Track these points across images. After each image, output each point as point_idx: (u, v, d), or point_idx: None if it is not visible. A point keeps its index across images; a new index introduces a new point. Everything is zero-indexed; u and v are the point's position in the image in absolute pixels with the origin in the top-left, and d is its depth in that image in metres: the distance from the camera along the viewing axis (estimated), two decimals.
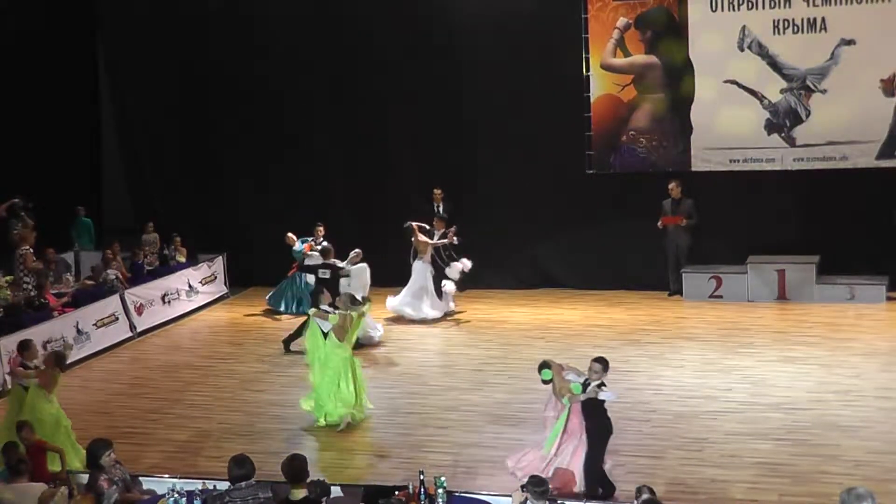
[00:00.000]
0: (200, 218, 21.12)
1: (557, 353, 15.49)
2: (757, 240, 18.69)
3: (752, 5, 18.42)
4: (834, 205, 18.25)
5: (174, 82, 21.41)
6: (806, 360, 14.96)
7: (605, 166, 19.44)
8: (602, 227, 19.15)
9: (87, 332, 16.89)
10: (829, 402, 13.21)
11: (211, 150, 21.30)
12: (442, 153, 20.00)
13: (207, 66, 21.02)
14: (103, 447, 9.53)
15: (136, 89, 21.74)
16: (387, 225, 19.33)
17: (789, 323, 17.11)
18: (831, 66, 18.20)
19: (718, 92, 18.71)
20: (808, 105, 18.43)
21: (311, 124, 20.62)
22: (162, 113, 21.62)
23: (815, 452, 11.69)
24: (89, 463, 9.54)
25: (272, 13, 20.54)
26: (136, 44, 21.52)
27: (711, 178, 18.91)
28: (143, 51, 21.49)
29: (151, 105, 21.69)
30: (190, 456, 12.26)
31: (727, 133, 18.78)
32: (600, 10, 19.05)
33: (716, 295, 18.60)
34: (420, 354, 16.23)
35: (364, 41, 20.09)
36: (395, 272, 18.53)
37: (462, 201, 19.72)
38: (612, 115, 19.30)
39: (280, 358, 16.31)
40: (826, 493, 10.43)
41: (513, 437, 12.50)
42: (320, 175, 20.60)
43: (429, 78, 19.88)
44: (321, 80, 20.44)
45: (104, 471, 9.37)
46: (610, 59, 19.18)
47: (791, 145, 18.57)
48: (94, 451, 9.51)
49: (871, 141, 18.12)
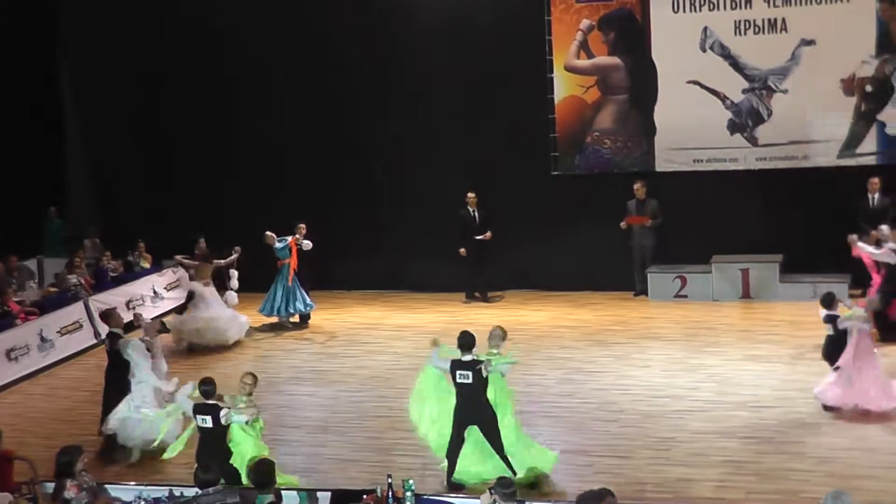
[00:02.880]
0: (164, 222, 20.96)
1: (524, 355, 15.55)
2: (721, 239, 18.79)
3: (713, 6, 18.54)
4: (796, 204, 18.40)
5: (137, 84, 21.18)
6: (770, 359, 15.07)
7: (570, 167, 19.50)
8: (567, 228, 19.20)
9: (52, 340, 16.77)
10: (794, 400, 13.31)
11: (175, 153, 21.13)
12: (405, 157, 19.98)
13: (172, 66, 20.83)
14: (77, 453, 9.38)
15: (98, 92, 21.50)
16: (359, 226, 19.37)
17: (754, 321, 17.22)
18: (792, 66, 18.36)
19: (681, 93, 18.81)
20: (770, 105, 18.58)
21: (275, 128, 20.51)
22: (124, 117, 21.43)
23: (781, 450, 11.79)
24: (60, 470, 9.39)
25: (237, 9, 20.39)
26: (98, 44, 21.27)
27: (676, 179, 19.01)
28: (104, 51, 21.24)
29: (114, 108, 21.48)
30: (156, 463, 12.18)
31: (690, 133, 18.89)
32: (563, 13, 19.11)
33: (681, 294, 18.71)
34: (388, 357, 16.21)
35: (325, 42, 20.01)
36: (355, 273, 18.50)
37: (426, 204, 19.76)
38: (576, 116, 19.37)
39: (247, 363, 16.24)
40: (792, 490, 10.54)
41: None
42: (287, 178, 20.50)
43: (390, 81, 19.85)
44: (288, 82, 20.34)
45: (74, 477, 9.26)
46: (573, 61, 19.25)
47: (754, 145, 18.71)
48: (66, 458, 9.33)
49: (832, 140, 18.29)
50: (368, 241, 20.09)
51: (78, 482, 9.25)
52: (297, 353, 17.05)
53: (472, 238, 19.10)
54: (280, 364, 16.40)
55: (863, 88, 18.11)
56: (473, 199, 19.24)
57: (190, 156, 20.99)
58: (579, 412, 13.47)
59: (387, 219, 20.16)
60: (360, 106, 20.09)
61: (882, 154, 18.20)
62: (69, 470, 9.26)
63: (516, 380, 14.71)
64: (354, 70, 20.03)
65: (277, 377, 15.61)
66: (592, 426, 13.00)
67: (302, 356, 16.81)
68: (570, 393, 14.17)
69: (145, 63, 21.02)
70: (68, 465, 9.28)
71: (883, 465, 11.24)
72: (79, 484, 9.24)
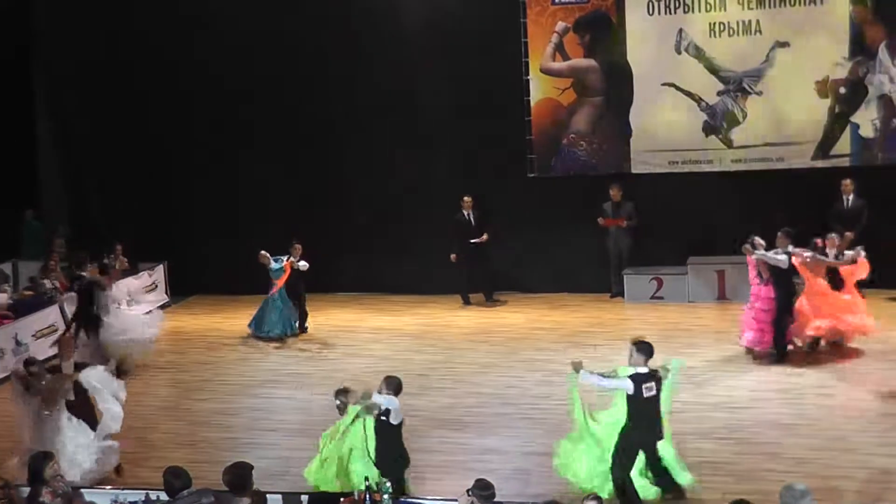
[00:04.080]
0: (140, 225, 20.86)
1: (502, 357, 15.65)
2: (697, 241, 18.88)
3: (688, 9, 18.61)
4: (771, 205, 18.41)
5: (112, 85, 21.06)
6: (746, 360, 15.12)
7: (546, 170, 19.53)
8: (544, 230, 19.23)
9: (27, 344, 16.65)
10: (770, 401, 13.38)
11: (150, 155, 21.02)
12: (380, 160, 19.96)
13: (145, 65, 20.70)
14: (44, 459, 9.32)
15: (72, 91, 21.34)
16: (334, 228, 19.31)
17: (730, 322, 17.23)
18: (766, 68, 18.46)
19: (657, 95, 18.88)
20: (745, 107, 18.66)
21: (252, 128, 20.45)
22: (98, 117, 21.29)
23: (758, 451, 11.83)
24: (31, 477, 9.34)
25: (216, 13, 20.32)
26: (72, 42, 21.10)
27: (651, 181, 19.07)
28: (80, 50, 21.08)
29: (87, 109, 21.34)
30: (132, 467, 12.11)
31: (666, 135, 18.97)
32: (539, 15, 19.15)
33: (657, 296, 18.76)
34: (365, 360, 16.18)
35: (303, 44, 19.97)
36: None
37: (402, 206, 19.76)
38: (552, 118, 19.41)
39: (223, 367, 16.19)
40: (769, 491, 10.51)
41: (458, 441, 12.53)
42: (262, 178, 20.44)
43: (366, 83, 19.82)
44: (264, 82, 20.27)
45: (47, 483, 9.20)
46: (549, 63, 19.28)
47: (729, 147, 18.79)
48: (36, 465, 9.26)
49: (807, 142, 18.40)
50: (343, 244, 20.05)
51: (52, 488, 9.17)
52: (273, 355, 17.01)
53: (468, 242, 19.03)
54: (257, 367, 16.35)
55: (836, 90, 18.22)
56: (469, 202, 19.21)
57: (165, 156, 20.90)
58: (557, 414, 13.45)
59: (362, 221, 20.12)
60: (336, 109, 20.03)
61: (856, 156, 18.31)
62: (40, 476, 9.18)
63: (492, 382, 14.84)
64: (328, 71, 19.97)
65: (254, 380, 15.58)
66: (568, 428, 12.97)
67: (278, 359, 16.77)
68: (548, 395, 14.16)
69: (118, 62, 20.89)
70: (38, 472, 9.20)
71: (858, 465, 11.31)
72: (52, 490, 9.16)
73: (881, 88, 18.05)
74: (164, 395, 14.96)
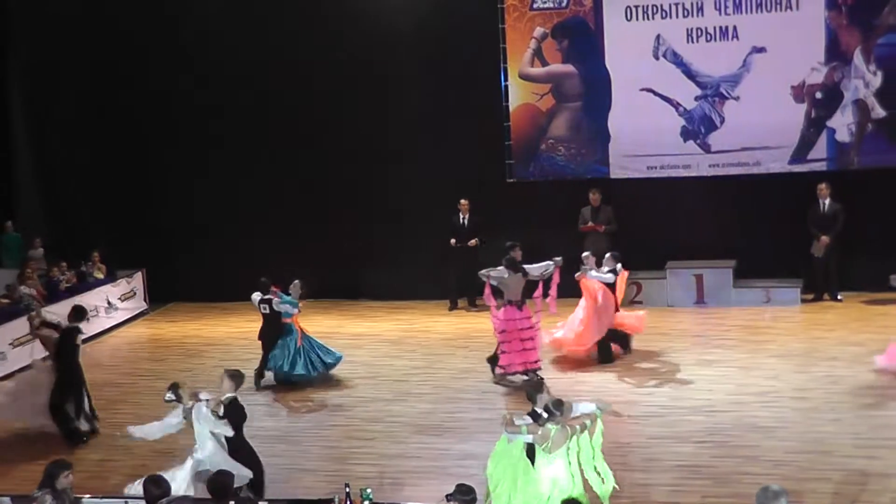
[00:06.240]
0: (118, 232, 20.81)
1: (481, 362, 15.64)
2: (675, 245, 18.95)
3: (665, 14, 18.69)
4: (749, 210, 18.58)
5: (89, 93, 21.03)
6: (724, 363, 15.20)
7: (525, 175, 19.57)
8: (522, 235, 19.15)
9: (3, 352, 16.58)
10: (748, 404, 13.43)
11: (128, 163, 20.97)
12: (361, 166, 19.96)
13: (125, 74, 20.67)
14: (61, 467, 9.01)
15: (49, 98, 21.29)
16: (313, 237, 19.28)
17: (707, 326, 17.38)
18: (743, 73, 18.55)
19: (635, 100, 18.94)
20: (722, 112, 18.75)
21: (230, 135, 20.42)
22: (73, 125, 21.24)
23: (736, 454, 11.88)
24: (43, 481, 9.10)
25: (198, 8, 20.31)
26: (49, 49, 21.03)
27: (630, 186, 19.13)
28: (56, 57, 21.01)
29: (63, 116, 21.28)
30: (112, 475, 12.09)
31: (644, 140, 19.03)
32: (517, 21, 19.19)
33: (636, 300, 18.81)
34: (344, 366, 16.15)
35: (283, 48, 19.96)
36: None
37: (383, 213, 19.76)
38: (530, 124, 19.45)
39: (202, 374, 16.15)
40: (747, 494, 10.56)
41: (438, 447, 12.53)
42: (244, 184, 20.42)
43: (345, 89, 19.83)
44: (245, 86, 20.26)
45: (56, 493, 8.91)
46: (528, 69, 19.33)
47: (706, 152, 18.87)
48: (52, 471, 8.95)
49: (784, 146, 18.48)
50: (325, 250, 20.05)
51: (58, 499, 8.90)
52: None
53: (458, 245, 19.05)
54: None
55: (813, 95, 18.33)
56: (466, 206, 19.24)
57: (143, 163, 20.85)
58: None
59: (344, 227, 20.11)
60: (314, 117, 20.04)
61: (832, 160, 18.42)
62: (52, 483, 8.90)
63: (470, 387, 14.84)
64: (308, 78, 19.98)
65: None
66: None
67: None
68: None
69: (95, 71, 20.86)
70: (51, 479, 8.98)
71: (835, 467, 11.36)
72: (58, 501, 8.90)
73: (856, 93, 18.16)
74: (142, 403, 14.89)
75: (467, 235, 19.18)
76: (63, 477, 8.95)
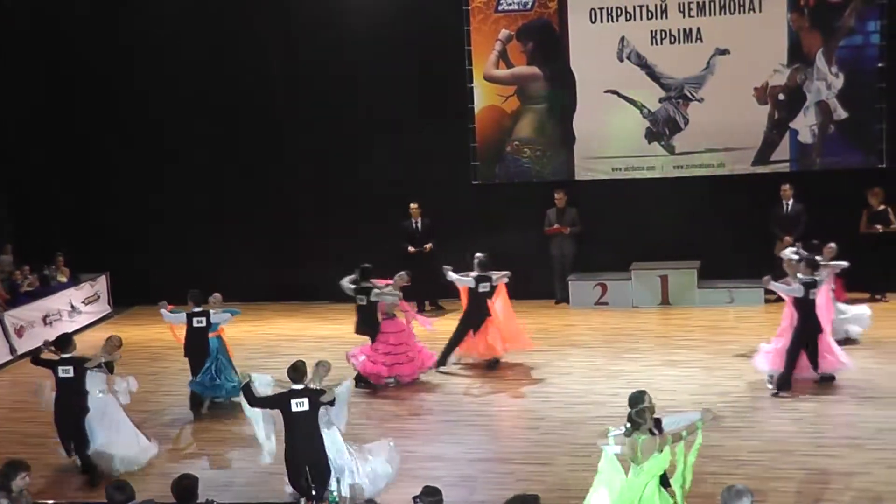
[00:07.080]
0: (82, 235, 20.65)
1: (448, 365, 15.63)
2: (640, 247, 19.04)
3: (630, 17, 18.78)
4: (713, 211, 18.70)
5: (53, 98, 20.86)
6: (688, 364, 15.29)
7: (490, 177, 19.60)
8: (488, 237, 19.24)
9: None
10: (712, 404, 13.43)
11: (91, 167, 20.82)
12: (326, 168, 19.94)
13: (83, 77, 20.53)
14: (17, 469, 8.85)
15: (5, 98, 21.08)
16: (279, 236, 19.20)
17: (672, 327, 17.47)
18: (707, 75, 18.67)
19: (599, 102, 19.02)
20: (686, 113, 18.87)
21: (191, 139, 20.30)
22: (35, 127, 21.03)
23: (699, 453, 11.90)
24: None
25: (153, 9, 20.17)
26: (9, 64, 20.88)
27: (595, 187, 19.20)
28: (10, 59, 20.81)
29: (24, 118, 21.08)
30: (76, 480, 12.01)
31: (609, 142, 19.12)
32: (482, 23, 19.23)
33: (601, 302, 18.90)
34: None
35: (242, 50, 19.90)
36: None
37: (348, 214, 19.73)
38: (495, 125, 19.49)
39: (167, 377, 16.07)
40: (710, 494, 10.64)
41: (403, 449, 12.49)
42: (207, 186, 20.33)
43: (309, 89, 19.79)
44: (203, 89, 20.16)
45: (10, 494, 8.79)
46: (493, 71, 19.36)
47: (671, 153, 18.98)
48: (7, 472, 8.81)
49: (747, 148, 18.63)
50: (288, 252, 20.00)
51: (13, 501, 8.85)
52: None
53: (413, 250, 19.01)
54: None
55: (775, 97, 18.47)
56: (416, 210, 19.23)
57: (107, 165, 20.71)
58: (499, 420, 13.55)
59: (307, 229, 20.08)
60: (279, 114, 20.00)
61: (795, 161, 18.58)
62: (6, 485, 8.78)
63: (436, 389, 14.85)
64: (271, 76, 19.94)
65: None
66: (513, 434, 13.09)
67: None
68: (491, 401, 14.23)
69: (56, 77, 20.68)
70: (6, 480, 8.86)
71: (797, 466, 11.47)
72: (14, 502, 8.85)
73: (819, 95, 18.32)
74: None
75: (422, 240, 19.16)
76: (19, 478, 8.79)
